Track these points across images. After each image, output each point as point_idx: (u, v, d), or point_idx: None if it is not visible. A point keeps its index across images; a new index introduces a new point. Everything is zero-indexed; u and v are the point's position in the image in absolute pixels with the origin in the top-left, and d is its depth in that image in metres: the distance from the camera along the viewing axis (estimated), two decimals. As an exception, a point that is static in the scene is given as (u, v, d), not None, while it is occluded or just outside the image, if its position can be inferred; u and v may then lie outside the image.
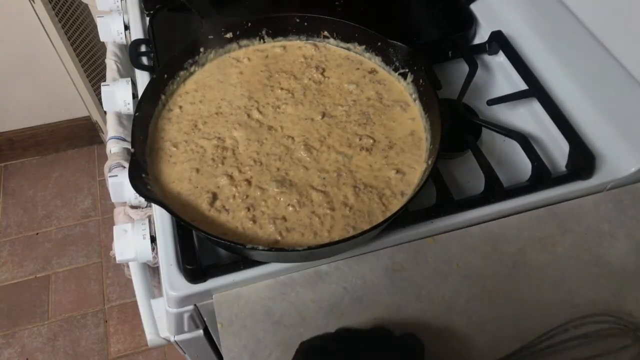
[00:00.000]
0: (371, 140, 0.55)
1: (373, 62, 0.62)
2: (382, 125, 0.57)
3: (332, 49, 0.64)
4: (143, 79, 0.69)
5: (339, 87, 0.60)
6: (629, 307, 0.50)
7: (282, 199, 0.51)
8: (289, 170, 0.53)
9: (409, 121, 0.57)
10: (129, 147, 0.70)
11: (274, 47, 0.64)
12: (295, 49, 0.64)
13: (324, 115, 0.58)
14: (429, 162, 0.52)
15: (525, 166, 0.59)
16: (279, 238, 0.48)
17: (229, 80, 0.61)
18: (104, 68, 0.79)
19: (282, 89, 0.60)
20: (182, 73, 0.60)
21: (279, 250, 0.47)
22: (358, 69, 0.62)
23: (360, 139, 0.55)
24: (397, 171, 0.53)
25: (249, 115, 0.58)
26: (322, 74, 0.61)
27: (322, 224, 0.49)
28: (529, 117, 0.64)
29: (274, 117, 0.58)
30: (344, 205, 0.50)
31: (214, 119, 0.58)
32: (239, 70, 0.62)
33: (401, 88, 0.60)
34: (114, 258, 0.56)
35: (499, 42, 0.69)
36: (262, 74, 0.62)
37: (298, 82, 0.61)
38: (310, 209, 0.50)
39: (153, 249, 0.56)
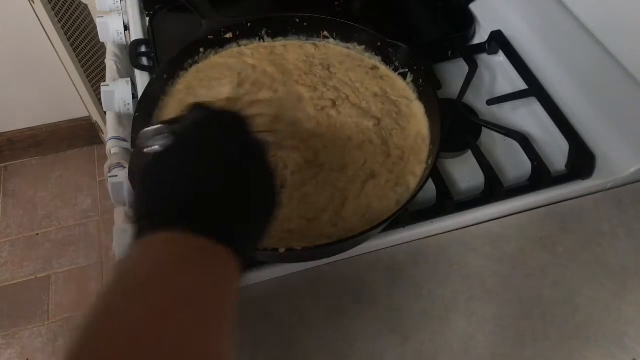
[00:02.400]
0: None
1: (373, 61, 0.62)
2: (402, 128, 0.56)
3: (332, 48, 0.64)
4: (143, 79, 0.69)
5: (347, 84, 0.60)
6: (628, 308, 0.50)
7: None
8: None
9: (415, 120, 0.57)
10: (129, 147, 0.70)
11: (275, 46, 0.64)
12: (297, 48, 0.64)
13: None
14: (429, 162, 0.52)
15: (525, 166, 0.58)
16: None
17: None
18: (104, 68, 0.79)
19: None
20: (182, 73, 0.60)
21: (278, 251, 0.47)
22: (360, 65, 0.62)
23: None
24: (397, 184, 0.52)
25: None
26: (328, 69, 0.61)
27: (322, 224, 0.49)
28: (529, 117, 0.64)
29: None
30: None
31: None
32: None
33: (404, 85, 0.60)
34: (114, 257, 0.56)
35: (499, 41, 0.69)
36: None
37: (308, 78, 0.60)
38: None
39: (153, 249, 0.56)
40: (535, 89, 0.64)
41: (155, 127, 0.36)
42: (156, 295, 0.27)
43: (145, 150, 0.35)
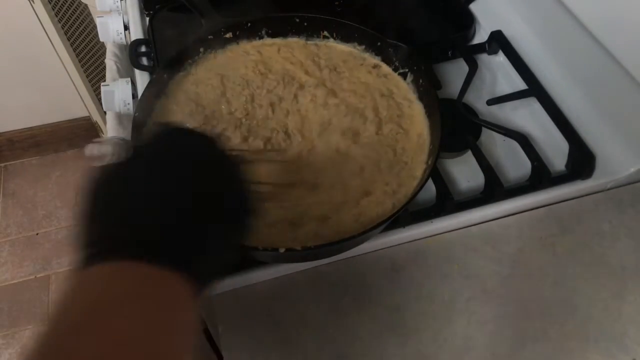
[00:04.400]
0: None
1: (375, 60, 0.62)
2: (405, 131, 0.56)
3: (333, 46, 0.64)
4: (143, 79, 0.69)
5: (357, 84, 0.60)
6: (628, 308, 0.50)
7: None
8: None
9: (416, 121, 0.57)
10: (129, 147, 0.70)
11: (279, 46, 0.64)
12: (300, 47, 0.64)
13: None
14: (429, 162, 0.52)
15: (525, 166, 0.58)
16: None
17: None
18: (104, 68, 0.79)
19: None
20: (181, 73, 0.60)
21: (277, 251, 0.47)
22: (362, 64, 0.62)
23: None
24: (396, 192, 0.52)
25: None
26: (335, 70, 0.61)
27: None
28: (529, 117, 0.64)
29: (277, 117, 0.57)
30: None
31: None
32: None
33: (405, 85, 0.60)
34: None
35: (499, 41, 0.69)
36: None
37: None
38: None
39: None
40: (535, 89, 0.64)
41: (109, 138, 0.32)
42: (97, 334, 0.25)
43: (96, 165, 0.31)
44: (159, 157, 0.32)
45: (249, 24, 0.63)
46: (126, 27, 0.77)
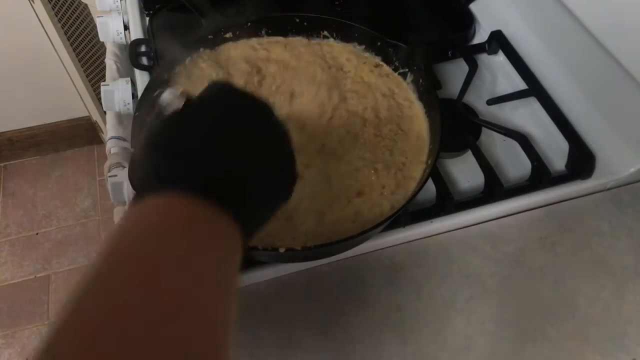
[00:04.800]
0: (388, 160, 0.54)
1: (377, 60, 0.62)
2: (404, 132, 0.55)
3: (335, 45, 0.64)
4: (143, 79, 0.69)
5: (360, 83, 0.59)
6: (628, 308, 0.50)
7: None
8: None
9: (416, 121, 0.57)
10: (129, 147, 0.70)
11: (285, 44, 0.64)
12: (304, 45, 0.64)
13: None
14: (429, 162, 0.52)
15: (525, 166, 0.58)
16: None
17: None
18: (104, 68, 0.79)
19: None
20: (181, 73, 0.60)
21: (277, 251, 0.47)
22: (365, 62, 0.62)
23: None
24: (393, 192, 0.52)
25: None
26: (341, 69, 0.61)
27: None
28: (529, 117, 0.64)
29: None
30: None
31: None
32: None
33: (405, 85, 0.60)
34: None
35: (499, 41, 0.69)
36: None
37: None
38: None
39: (153, 249, 0.55)
40: (535, 89, 0.64)
41: (175, 90, 0.35)
42: (143, 258, 0.25)
43: (161, 111, 0.35)
44: (212, 107, 0.34)
45: (249, 24, 0.63)
46: (126, 27, 0.77)
